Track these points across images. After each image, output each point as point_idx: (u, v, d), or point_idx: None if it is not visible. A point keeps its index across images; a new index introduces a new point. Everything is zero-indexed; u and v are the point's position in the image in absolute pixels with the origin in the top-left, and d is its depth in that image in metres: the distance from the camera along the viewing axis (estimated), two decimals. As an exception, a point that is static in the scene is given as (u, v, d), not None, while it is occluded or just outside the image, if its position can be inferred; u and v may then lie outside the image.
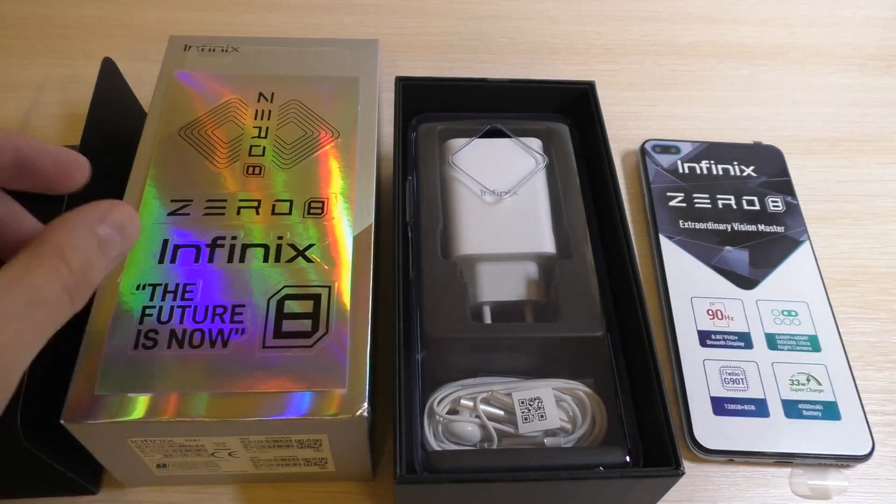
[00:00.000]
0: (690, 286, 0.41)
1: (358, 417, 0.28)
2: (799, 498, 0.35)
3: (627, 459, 0.30)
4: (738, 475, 0.36)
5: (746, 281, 0.41)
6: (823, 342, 0.39)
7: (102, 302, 0.30)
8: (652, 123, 0.51)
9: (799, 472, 0.36)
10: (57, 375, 0.28)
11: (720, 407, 0.37)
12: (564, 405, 0.32)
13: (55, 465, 0.29)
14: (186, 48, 0.40)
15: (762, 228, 0.44)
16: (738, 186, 0.46)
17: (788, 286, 0.41)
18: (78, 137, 0.34)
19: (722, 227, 0.44)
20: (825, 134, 0.51)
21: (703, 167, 0.47)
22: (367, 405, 0.28)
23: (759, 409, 0.37)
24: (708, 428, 0.36)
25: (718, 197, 0.45)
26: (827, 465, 0.36)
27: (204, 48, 0.40)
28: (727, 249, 0.43)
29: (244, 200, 0.33)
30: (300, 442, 0.29)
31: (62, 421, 0.27)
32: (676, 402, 0.37)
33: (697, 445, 0.35)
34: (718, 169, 0.47)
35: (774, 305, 0.40)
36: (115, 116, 0.39)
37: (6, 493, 0.33)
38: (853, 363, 0.38)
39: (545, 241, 0.35)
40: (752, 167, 0.47)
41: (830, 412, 0.37)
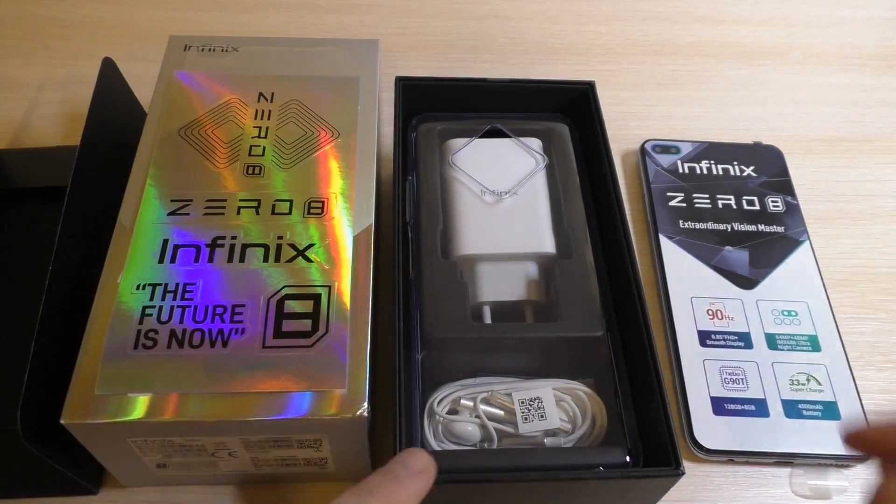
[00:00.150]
0: (690, 286, 0.41)
1: (358, 417, 0.28)
2: (799, 498, 0.35)
3: (627, 459, 0.30)
4: (738, 475, 0.36)
5: (746, 281, 0.41)
6: (823, 342, 0.39)
7: (102, 302, 0.30)
8: (652, 123, 0.51)
9: (799, 472, 0.36)
10: (57, 375, 0.28)
11: (720, 407, 0.37)
12: (564, 405, 0.32)
13: (55, 465, 0.29)
14: (186, 48, 0.40)
15: (762, 228, 0.44)
16: (738, 186, 0.46)
17: (788, 286, 0.41)
18: (78, 137, 0.34)
19: (722, 227, 0.44)
20: (825, 134, 0.51)
21: (703, 167, 0.47)
22: (367, 405, 0.28)
23: (759, 409, 0.37)
24: (708, 428, 0.36)
25: (718, 197, 0.45)
26: (827, 465, 0.36)
27: (204, 48, 0.40)
28: (727, 249, 0.43)
29: (244, 200, 0.33)
30: (300, 442, 0.29)
31: (62, 421, 0.27)
32: (676, 402, 0.37)
33: (697, 445, 0.35)
34: (718, 169, 0.47)
35: (774, 305, 0.40)
36: (115, 116, 0.39)
37: (6, 493, 0.33)
38: (853, 363, 0.38)
39: (545, 241, 0.35)
40: (752, 167, 0.47)
41: (830, 412, 0.37)
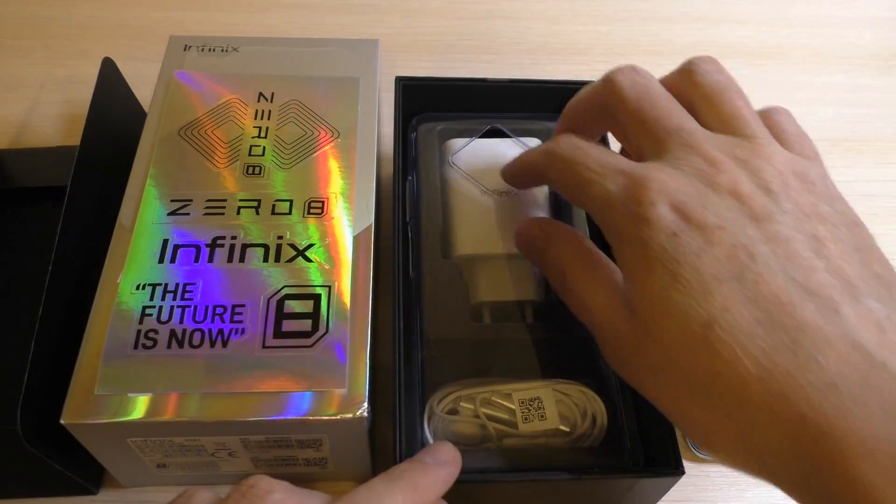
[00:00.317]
0: (690, 286, 0.41)
1: (358, 417, 0.28)
2: (799, 498, 0.35)
3: (627, 459, 0.30)
4: (738, 475, 0.36)
5: (746, 281, 0.41)
6: (823, 342, 0.39)
7: (102, 302, 0.30)
8: (652, 123, 0.51)
9: (799, 472, 0.36)
10: (57, 375, 0.28)
11: (720, 407, 0.36)
12: (564, 405, 0.32)
13: (55, 465, 0.29)
14: (186, 48, 0.40)
15: (762, 228, 0.43)
16: (738, 186, 0.45)
17: (788, 286, 0.41)
18: (78, 137, 0.34)
19: (722, 227, 0.43)
20: (825, 134, 0.51)
21: (703, 167, 0.46)
22: (367, 405, 0.28)
23: (759, 409, 0.36)
24: (708, 428, 0.36)
25: (718, 197, 0.45)
26: (827, 465, 0.36)
27: (204, 48, 0.40)
28: (727, 249, 0.42)
29: (244, 200, 0.33)
30: (300, 442, 0.29)
31: (62, 421, 0.27)
32: (676, 402, 0.37)
33: (697, 445, 0.35)
34: (718, 169, 0.46)
35: (774, 305, 0.40)
36: (115, 116, 0.39)
37: (6, 493, 0.33)
38: (853, 363, 0.38)
39: (545, 241, 0.35)
40: (752, 167, 0.47)
41: (830, 412, 0.37)
